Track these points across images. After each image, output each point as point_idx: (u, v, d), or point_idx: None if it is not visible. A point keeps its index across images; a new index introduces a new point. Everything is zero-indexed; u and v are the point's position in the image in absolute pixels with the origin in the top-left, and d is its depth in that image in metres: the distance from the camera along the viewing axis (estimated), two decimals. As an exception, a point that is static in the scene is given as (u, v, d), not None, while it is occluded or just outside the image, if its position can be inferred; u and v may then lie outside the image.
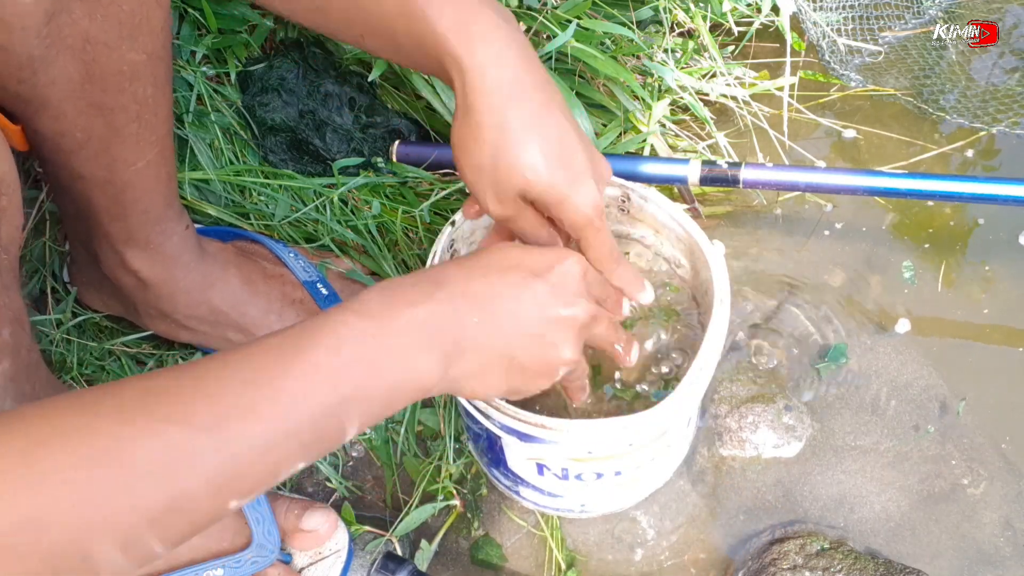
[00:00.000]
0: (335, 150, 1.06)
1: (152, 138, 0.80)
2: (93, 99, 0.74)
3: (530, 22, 1.08)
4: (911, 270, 1.08)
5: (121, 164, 0.80)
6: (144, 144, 0.80)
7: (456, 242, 0.87)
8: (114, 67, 0.73)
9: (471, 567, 0.93)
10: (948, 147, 1.17)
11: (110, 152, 0.78)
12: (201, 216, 1.02)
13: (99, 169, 0.79)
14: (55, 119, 0.74)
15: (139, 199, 0.83)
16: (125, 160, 0.80)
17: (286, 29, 1.09)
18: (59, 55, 0.69)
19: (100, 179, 0.80)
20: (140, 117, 0.78)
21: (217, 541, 0.82)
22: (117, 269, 0.89)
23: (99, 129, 0.76)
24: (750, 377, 1.01)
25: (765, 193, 1.14)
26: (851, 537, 0.92)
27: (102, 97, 0.74)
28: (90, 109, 0.74)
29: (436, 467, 0.95)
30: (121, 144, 0.78)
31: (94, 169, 0.79)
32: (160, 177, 0.83)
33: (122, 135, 0.78)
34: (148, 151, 0.80)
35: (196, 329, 0.95)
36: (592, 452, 0.76)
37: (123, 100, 0.75)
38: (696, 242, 0.84)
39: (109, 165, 0.79)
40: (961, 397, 1.00)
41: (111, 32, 0.71)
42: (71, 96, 0.73)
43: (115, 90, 0.74)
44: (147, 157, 0.80)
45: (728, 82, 1.17)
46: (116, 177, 0.80)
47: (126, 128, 0.77)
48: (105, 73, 0.73)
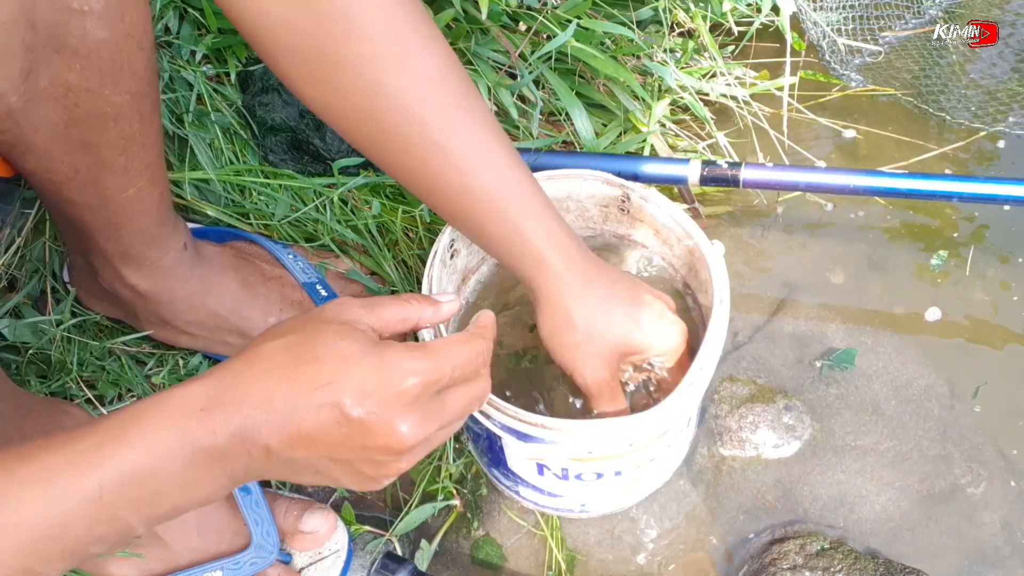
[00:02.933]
0: (335, 150, 1.06)
1: (141, 166, 0.79)
2: (78, 139, 0.73)
3: (530, 22, 1.08)
4: (911, 270, 1.08)
5: (112, 192, 0.79)
6: (133, 173, 0.79)
7: (456, 242, 0.87)
8: (97, 109, 0.72)
9: (471, 567, 0.93)
10: (948, 147, 1.17)
11: (100, 182, 0.78)
12: (200, 216, 1.02)
13: (90, 197, 0.79)
14: (41, 159, 0.74)
15: (132, 220, 0.83)
16: (115, 188, 0.79)
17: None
18: (40, 104, 0.69)
19: (92, 205, 0.80)
20: (127, 150, 0.77)
21: (216, 543, 0.82)
22: (114, 282, 0.89)
23: (86, 164, 0.76)
24: (750, 377, 1.01)
25: (765, 193, 1.14)
26: (851, 537, 0.92)
27: (87, 136, 0.74)
28: (76, 147, 0.74)
29: (436, 467, 0.95)
30: (111, 175, 0.78)
31: (84, 197, 0.79)
32: (152, 199, 0.83)
33: (111, 167, 0.77)
34: (138, 179, 0.80)
35: (196, 335, 0.95)
36: (592, 452, 0.76)
37: (109, 137, 0.75)
38: (696, 242, 0.84)
39: (100, 194, 0.79)
40: (965, 395, 1.00)
41: (92, 79, 0.70)
42: (55, 138, 0.72)
43: (100, 129, 0.74)
44: (137, 184, 0.80)
45: (728, 82, 1.17)
46: (108, 203, 0.80)
47: (114, 161, 0.77)
48: (89, 115, 0.72)
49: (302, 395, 0.54)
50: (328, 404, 0.54)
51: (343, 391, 0.54)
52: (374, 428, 0.55)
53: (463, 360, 0.59)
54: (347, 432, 0.54)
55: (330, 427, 0.54)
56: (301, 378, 0.54)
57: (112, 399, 0.95)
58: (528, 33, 1.08)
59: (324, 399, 0.54)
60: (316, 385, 0.54)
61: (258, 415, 0.54)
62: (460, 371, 0.59)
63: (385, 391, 0.55)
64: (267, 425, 0.54)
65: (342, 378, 0.54)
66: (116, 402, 0.95)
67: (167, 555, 0.81)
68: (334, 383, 0.54)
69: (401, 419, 0.55)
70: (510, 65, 1.07)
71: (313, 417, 0.54)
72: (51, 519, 0.52)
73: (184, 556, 0.81)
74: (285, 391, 0.54)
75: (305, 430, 0.54)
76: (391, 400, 0.55)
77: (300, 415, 0.54)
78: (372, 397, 0.54)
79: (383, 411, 0.55)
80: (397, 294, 0.62)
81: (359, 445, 0.55)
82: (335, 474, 0.57)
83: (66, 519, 0.52)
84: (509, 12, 1.09)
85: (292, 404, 0.54)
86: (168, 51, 1.04)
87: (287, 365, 0.55)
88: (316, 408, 0.54)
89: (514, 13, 1.09)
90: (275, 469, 0.56)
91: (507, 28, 1.09)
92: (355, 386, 0.54)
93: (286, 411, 0.54)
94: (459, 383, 0.60)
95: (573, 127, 1.07)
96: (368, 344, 0.56)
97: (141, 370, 0.96)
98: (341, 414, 0.54)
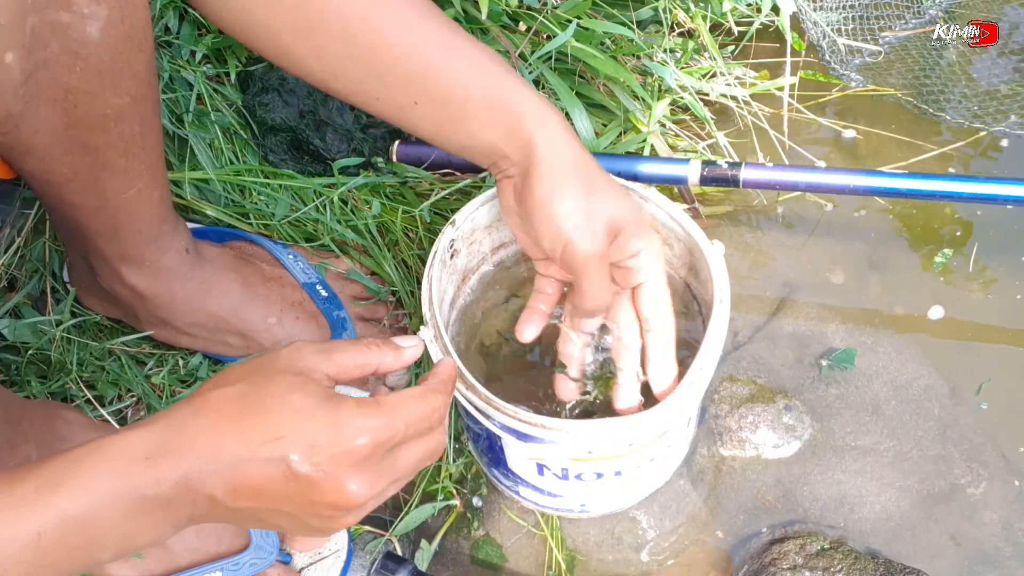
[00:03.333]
0: (335, 150, 1.06)
1: (141, 168, 0.79)
2: (78, 141, 0.73)
3: (530, 22, 1.08)
4: (911, 270, 1.08)
5: (111, 194, 0.79)
6: (133, 175, 0.79)
7: (456, 242, 0.87)
8: (98, 112, 0.72)
9: (471, 567, 0.93)
10: (948, 147, 1.17)
11: (99, 184, 0.78)
12: (200, 216, 1.02)
13: (89, 199, 0.79)
14: (41, 160, 0.74)
15: (132, 221, 0.83)
16: (115, 190, 0.79)
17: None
18: (40, 107, 0.69)
19: (91, 207, 0.80)
20: (127, 152, 0.77)
21: (215, 544, 0.82)
22: (114, 283, 0.89)
23: (86, 165, 0.76)
24: (750, 377, 1.01)
25: (765, 193, 1.14)
26: (851, 537, 0.92)
27: (87, 138, 0.74)
28: (76, 149, 0.74)
29: (436, 467, 0.95)
30: (110, 177, 0.78)
31: (84, 199, 0.79)
32: (152, 200, 0.83)
33: (110, 169, 0.77)
34: (138, 180, 0.80)
35: (196, 335, 0.95)
36: (592, 452, 0.76)
37: (109, 139, 0.75)
38: (696, 242, 0.84)
39: (99, 195, 0.79)
40: (966, 394, 1.00)
41: (92, 82, 0.70)
42: (55, 140, 0.72)
43: (100, 131, 0.74)
44: (137, 186, 0.80)
45: (728, 82, 1.17)
46: (107, 204, 0.80)
47: (114, 163, 0.77)
48: (89, 117, 0.72)
49: (249, 448, 0.53)
50: (276, 459, 0.53)
51: (291, 446, 0.53)
52: (322, 486, 0.54)
53: (417, 417, 0.57)
54: (294, 487, 0.54)
55: (277, 482, 0.53)
56: (249, 431, 0.53)
57: (112, 399, 0.95)
58: (528, 33, 1.08)
59: (272, 453, 0.53)
60: (264, 439, 0.53)
61: (204, 465, 0.53)
62: (414, 428, 0.57)
63: (335, 448, 0.54)
64: (213, 476, 0.53)
65: (291, 433, 0.53)
66: (116, 402, 0.95)
67: (167, 556, 0.81)
68: (283, 438, 0.53)
69: (350, 478, 0.54)
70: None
71: (259, 471, 0.53)
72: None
73: (184, 557, 0.81)
74: (232, 443, 0.53)
75: (251, 483, 0.53)
76: (341, 458, 0.54)
77: (246, 468, 0.53)
78: (322, 454, 0.53)
79: (332, 469, 0.54)
80: (356, 339, 0.61)
81: (306, 500, 0.54)
82: (281, 524, 0.57)
83: (2, 564, 0.51)
84: (509, 12, 1.09)
85: (238, 457, 0.53)
86: (168, 51, 1.04)
87: (234, 416, 0.54)
88: (263, 462, 0.53)
89: (514, 13, 1.09)
90: (219, 517, 0.56)
91: (507, 28, 1.09)
92: (304, 442, 0.53)
93: (232, 463, 0.53)
94: (413, 439, 0.58)
95: (573, 127, 1.07)
96: (321, 398, 0.55)
97: (141, 370, 0.96)
98: (288, 470, 0.53)
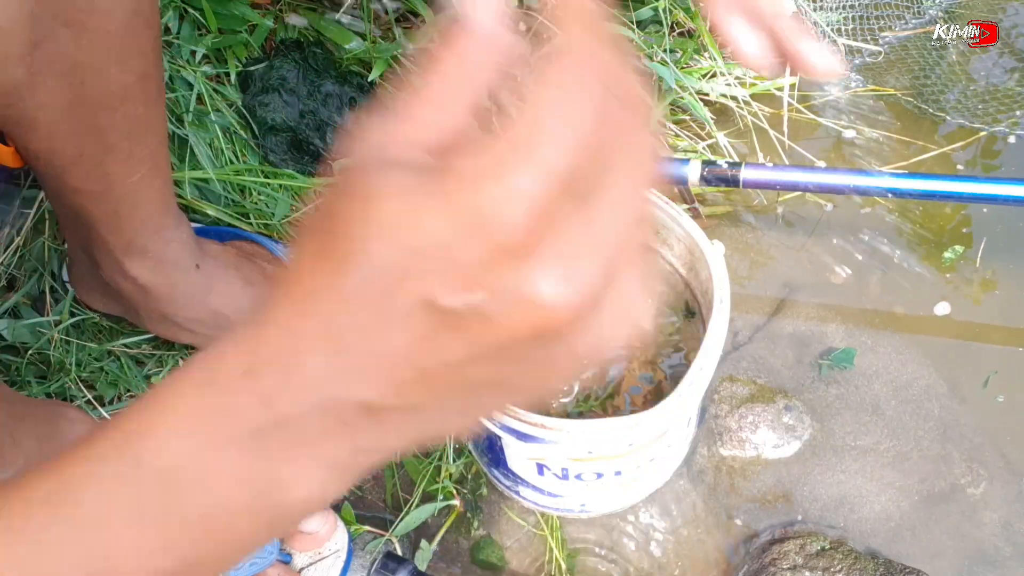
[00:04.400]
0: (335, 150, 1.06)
1: (145, 153, 0.79)
2: (84, 120, 0.73)
3: (530, 22, 1.08)
4: (912, 270, 1.08)
5: (115, 178, 0.79)
6: (137, 159, 0.79)
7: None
8: (104, 89, 0.72)
9: (471, 567, 0.93)
10: (948, 147, 1.17)
11: (103, 168, 0.78)
12: (201, 216, 1.02)
13: (93, 183, 0.79)
14: (46, 139, 0.74)
15: (135, 210, 0.83)
16: (119, 175, 0.79)
17: (286, 29, 1.09)
18: (46, 80, 0.69)
19: (95, 193, 0.80)
20: (132, 134, 0.77)
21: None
22: (116, 275, 0.89)
23: (91, 147, 0.76)
24: (750, 377, 1.01)
25: (765, 193, 1.14)
26: (851, 537, 0.92)
27: (93, 117, 0.74)
28: (81, 129, 0.74)
29: (436, 467, 0.95)
30: (114, 160, 0.78)
31: (88, 184, 0.79)
32: (155, 187, 0.83)
33: (115, 152, 0.77)
34: (142, 166, 0.80)
35: (197, 332, 0.94)
36: (592, 452, 0.76)
37: (114, 119, 0.75)
38: (696, 242, 0.84)
39: (103, 179, 0.79)
40: (966, 394, 1.00)
41: (99, 56, 0.70)
42: (61, 118, 0.72)
43: (106, 110, 0.74)
44: (141, 171, 0.80)
45: (728, 82, 1.17)
46: (111, 190, 0.80)
47: (119, 145, 0.77)
48: (95, 95, 0.72)
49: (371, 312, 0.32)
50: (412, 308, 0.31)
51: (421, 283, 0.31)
52: (495, 313, 0.31)
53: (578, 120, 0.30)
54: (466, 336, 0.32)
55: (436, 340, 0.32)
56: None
57: (112, 399, 0.95)
58: (528, 33, 1.08)
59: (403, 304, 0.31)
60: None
61: (331, 360, 0.33)
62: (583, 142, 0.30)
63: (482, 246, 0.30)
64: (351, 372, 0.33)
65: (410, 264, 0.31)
66: (116, 403, 0.95)
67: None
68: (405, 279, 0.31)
69: (528, 279, 0.30)
70: (510, 65, 1.07)
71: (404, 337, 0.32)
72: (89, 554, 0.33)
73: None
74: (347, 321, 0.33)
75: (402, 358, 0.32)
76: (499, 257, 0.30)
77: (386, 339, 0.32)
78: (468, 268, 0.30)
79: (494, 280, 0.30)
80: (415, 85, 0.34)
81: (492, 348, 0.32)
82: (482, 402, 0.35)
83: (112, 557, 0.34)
84: (509, 12, 1.09)
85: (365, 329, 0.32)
86: (168, 51, 1.04)
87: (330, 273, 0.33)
88: (402, 320, 0.32)
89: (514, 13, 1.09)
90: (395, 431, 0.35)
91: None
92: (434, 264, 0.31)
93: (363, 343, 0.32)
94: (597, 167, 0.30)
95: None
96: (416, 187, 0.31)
97: (141, 370, 0.96)
98: (440, 317, 0.31)
